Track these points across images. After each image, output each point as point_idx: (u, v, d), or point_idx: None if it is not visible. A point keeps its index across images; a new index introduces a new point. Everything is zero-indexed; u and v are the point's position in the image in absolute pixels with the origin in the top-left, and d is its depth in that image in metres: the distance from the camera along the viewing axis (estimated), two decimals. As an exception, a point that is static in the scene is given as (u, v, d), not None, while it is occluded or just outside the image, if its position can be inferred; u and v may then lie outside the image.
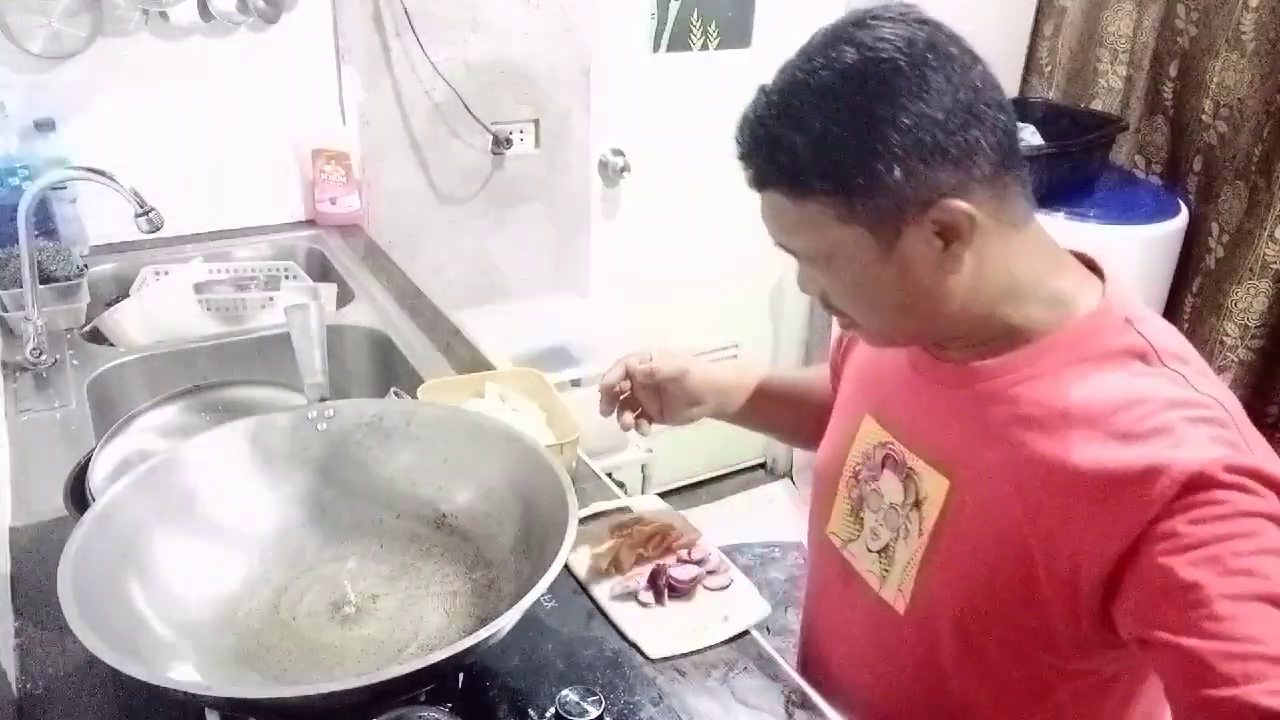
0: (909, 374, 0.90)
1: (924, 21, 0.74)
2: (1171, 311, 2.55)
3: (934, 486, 0.85)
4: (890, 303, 0.80)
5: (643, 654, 0.94)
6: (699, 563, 1.05)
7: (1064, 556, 0.74)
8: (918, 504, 0.87)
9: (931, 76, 0.71)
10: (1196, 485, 0.68)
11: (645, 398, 1.09)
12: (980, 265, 0.77)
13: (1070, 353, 0.78)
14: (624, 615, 0.98)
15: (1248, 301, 2.35)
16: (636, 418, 1.09)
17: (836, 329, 1.02)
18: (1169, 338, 0.79)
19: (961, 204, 0.73)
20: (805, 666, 1.09)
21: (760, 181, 0.78)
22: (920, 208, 0.74)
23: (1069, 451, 0.74)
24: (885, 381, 0.94)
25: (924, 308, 0.79)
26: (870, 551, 0.93)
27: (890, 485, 0.90)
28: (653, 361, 1.07)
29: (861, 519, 0.95)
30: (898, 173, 0.71)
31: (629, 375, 1.07)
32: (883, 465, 0.91)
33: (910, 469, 0.88)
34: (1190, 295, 2.52)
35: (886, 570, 0.91)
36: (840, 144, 0.72)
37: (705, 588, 1.03)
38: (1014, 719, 0.86)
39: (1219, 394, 0.74)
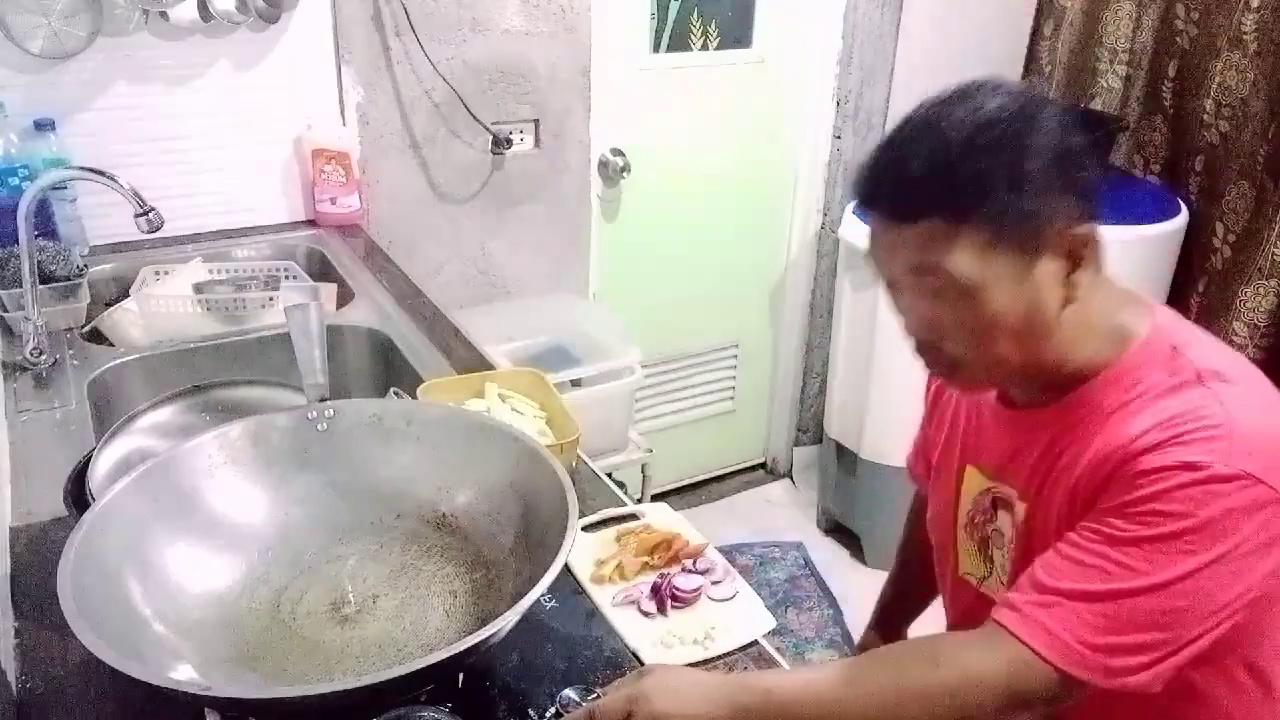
0: (995, 424, 0.98)
1: (1026, 88, 0.84)
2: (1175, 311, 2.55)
3: (1019, 513, 0.95)
4: (1009, 333, 0.83)
5: (642, 664, 0.93)
6: (704, 573, 1.05)
7: None
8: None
9: (1053, 123, 0.81)
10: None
11: None
12: (1080, 302, 0.84)
13: (1126, 387, 0.85)
14: (625, 624, 0.98)
15: (1257, 301, 2.34)
16: None
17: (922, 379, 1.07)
18: (1215, 358, 0.86)
19: (1090, 229, 0.82)
20: None
21: (916, 211, 0.81)
22: (1056, 234, 0.81)
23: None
24: (978, 433, 1.01)
25: (1032, 339, 0.85)
26: (1004, 586, 1.00)
27: (1005, 523, 0.98)
28: None
29: (991, 558, 1.02)
30: (1043, 198, 0.79)
31: None
32: (994, 508, 0.99)
33: (1010, 504, 0.97)
34: (1196, 295, 2.51)
35: None
36: (997, 171, 0.78)
37: (709, 598, 1.03)
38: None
39: (1242, 414, 0.79)
